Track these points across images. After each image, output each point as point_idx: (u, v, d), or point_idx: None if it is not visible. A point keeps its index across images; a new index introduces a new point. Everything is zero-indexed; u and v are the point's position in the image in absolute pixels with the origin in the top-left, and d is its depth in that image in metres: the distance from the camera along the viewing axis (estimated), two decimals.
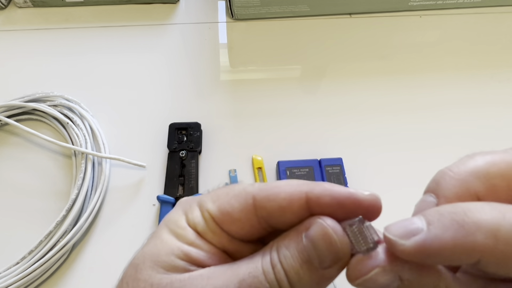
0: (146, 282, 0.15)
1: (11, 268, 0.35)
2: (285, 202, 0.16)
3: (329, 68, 0.52)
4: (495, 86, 0.50)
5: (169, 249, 0.16)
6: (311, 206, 0.15)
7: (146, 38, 0.54)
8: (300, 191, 0.16)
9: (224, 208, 0.17)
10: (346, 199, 0.15)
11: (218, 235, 0.17)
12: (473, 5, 0.57)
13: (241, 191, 0.17)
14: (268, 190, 0.16)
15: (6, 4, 0.57)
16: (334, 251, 0.14)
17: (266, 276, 0.15)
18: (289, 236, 0.16)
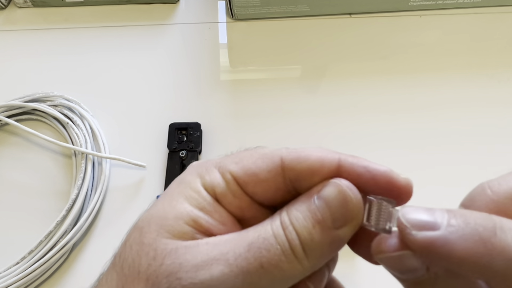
0: (150, 247, 0.15)
1: (11, 268, 0.35)
2: (316, 164, 0.15)
3: (329, 68, 0.52)
4: (495, 86, 0.50)
5: (178, 213, 0.15)
6: (342, 173, 0.15)
7: (146, 38, 0.54)
8: (333, 156, 0.15)
9: (250, 169, 0.16)
10: (382, 176, 0.15)
11: (238, 199, 0.16)
12: (473, 5, 0.57)
13: (267, 153, 0.16)
14: (298, 152, 0.16)
15: (6, 4, 0.57)
16: (348, 209, 0.14)
17: (276, 238, 0.14)
18: (301, 199, 0.15)
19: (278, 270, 0.14)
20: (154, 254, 0.14)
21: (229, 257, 0.14)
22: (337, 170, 0.15)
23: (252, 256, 0.14)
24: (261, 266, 0.14)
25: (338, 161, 0.15)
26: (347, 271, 0.37)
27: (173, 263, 0.14)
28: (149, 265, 0.14)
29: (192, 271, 0.14)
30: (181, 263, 0.14)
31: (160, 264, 0.14)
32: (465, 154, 0.44)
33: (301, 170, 0.15)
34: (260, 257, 0.14)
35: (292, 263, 0.14)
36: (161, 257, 0.14)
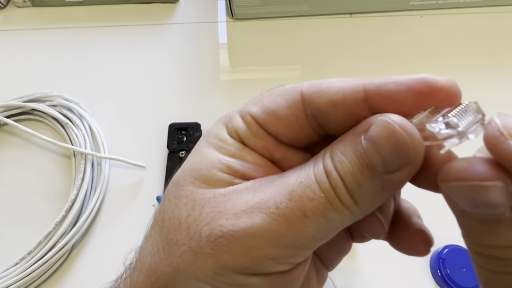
0: (188, 198, 0.14)
1: (10, 269, 0.35)
2: (338, 96, 0.13)
3: (329, 68, 0.52)
4: (496, 86, 0.50)
5: (210, 163, 0.15)
6: (371, 99, 0.13)
7: (145, 37, 0.54)
8: (356, 84, 0.14)
9: (268, 107, 0.15)
10: (418, 84, 0.13)
11: (263, 139, 0.15)
12: (474, 4, 0.57)
13: (287, 89, 0.15)
14: (319, 85, 0.14)
15: (5, 4, 0.57)
16: (403, 151, 0.12)
17: (320, 185, 0.13)
18: (345, 140, 0.13)
19: (325, 218, 0.13)
20: (192, 205, 0.14)
21: (270, 205, 0.13)
22: (364, 98, 0.13)
23: (294, 205, 0.13)
24: (305, 216, 0.13)
25: (363, 87, 0.13)
26: (347, 271, 0.37)
27: (213, 211, 0.14)
28: (189, 215, 0.14)
29: (232, 218, 0.13)
30: (220, 211, 0.14)
31: (199, 213, 0.14)
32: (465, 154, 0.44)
33: (322, 103, 0.14)
34: (303, 206, 0.13)
35: (340, 211, 0.13)
36: (199, 206, 0.14)
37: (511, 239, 0.11)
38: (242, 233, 0.13)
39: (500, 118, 0.11)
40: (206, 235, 0.13)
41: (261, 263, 0.13)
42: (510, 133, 0.11)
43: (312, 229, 0.13)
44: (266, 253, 0.13)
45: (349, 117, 0.14)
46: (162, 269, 0.14)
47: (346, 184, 0.13)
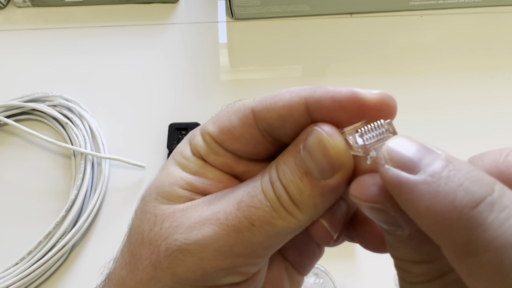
0: (151, 214, 0.16)
1: (10, 269, 0.35)
2: (285, 110, 0.14)
3: (329, 68, 0.52)
4: (496, 86, 0.50)
5: (173, 180, 0.16)
6: (312, 112, 0.14)
7: (145, 37, 0.54)
8: (299, 97, 0.14)
9: (224, 126, 0.16)
10: (348, 100, 0.14)
11: (222, 156, 0.16)
12: (474, 5, 0.57)
13: (240, 106, 0.16)
14: (267, 100, 0.15)
15: (5, 4, 0.57)
16: (332, 157, 0.13)
17: (265, 194, 0.14)
18: (287, 151, 0.15)
19: (271, 226, 0.14)
20: (154, 220, 0.15)
21: (219, 216, 0.14)
22: (306, 111, 0.14)
23: (241, 214, 0.14)
24: (252, 224, 0.13)
25: (305, 101, 0.14)
26: (347, 271, 0.37)
27: (170, 226, 0.15)
28: (151, 230, 0.15)
29: (186, 232, 0.14)
30: (177, 225, 0.14)
31: (159, 228, 0.15)
32: (466, 154, 0.44)
33: (271, 118, 0.15)
34: (250, 215, 0.14)
35: (285, 218, 0.14)
36: (160, 221, 0.15)
37: (410, 255, 0.12)
38: (195, 246, 0.14)
39: (391, 141, 0.12)
40: (163, 250, 0.14)
41: (213, 274, 0.14)
42: (391, 158, 0.11)
43: (260, 237, 0.14)
44: (217, 264, 0.14)
45: (298, 129, 0.15)
46: (128, 282, 0.15)
47: (288, 192, 0.13)
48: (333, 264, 0.37)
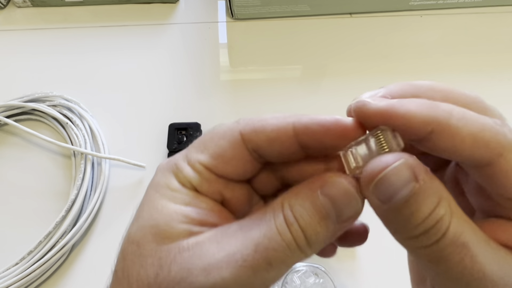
0: (153, 257, 0.15)
1: (10, 269, 0.35)
2: (273, 134, 0.16)
3: (329, 68, 0.52)
4: (496, 86, 0.50)
5: (168, 216, 0.15)
6: (299, 136, 0.16)
7: (145, 38, 0.54)
8: (287, 123, 0.16)
9: (215, 152, 0.16)
10: (333, 126, 0.15)
11: (214, 183, 0.16)
12: (473, 5, 0.57)
13: (226, 131, 0.17)
14: (254, 124, 0.16)
15: (5, 4, 0.57)
16: (353, 206, 0.15)
17: (282, 236, 0.14)
18: (302, 194, 0.15)
19: (285, 264, 0.15)
20: (159, 263, 0.15)
21: (237, 258, 0.14)
22: (294, 135, 0.16)
23: (260, 256, 0.14)
24: (270, 264, 0.14)
25: (292, 127, 0.16)
26: (347, 271, 0.37)
27: (182, 268, 0.14)
28: (157, 275, 0.14)
29: (202, 275, 0.14)
30: (189, 268, 0.14)
31: (168, 271, 0.14)
32: None
33: (259, 140, 0.16)
34: (268, 257, 0.14)
35: (297, 255, 0.15)
36: (167, 264, 0.14)
37: (425, 210, 0.12)
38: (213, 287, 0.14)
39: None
40: None
41: None
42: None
43: (275, 273, 0.15)
44: None
45: (284, 151, 0.16)
46: None
47: (306, 234, 0.14)
48: (333, 264, 0.37)
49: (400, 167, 0.12)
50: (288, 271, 0.32)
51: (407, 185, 0.12)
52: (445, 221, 0.12)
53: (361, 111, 0.14)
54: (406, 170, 0.12)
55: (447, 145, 0.13)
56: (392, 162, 0.12)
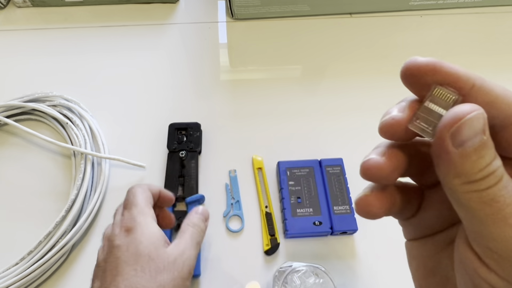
0: (169, 257, 0.27)
1: (10, 269, 0.35)
2: None
3: (329, 68, 0.52)
4: None
5: (160, 232, 0.29)
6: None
7: (145, 38, 0.54)
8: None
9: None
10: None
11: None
12: (473, 5, 0.57)
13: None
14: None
15: (5, 4, 0.57)
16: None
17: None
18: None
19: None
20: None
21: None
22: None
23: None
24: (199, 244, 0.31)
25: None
26: (347, 271, 0.37)
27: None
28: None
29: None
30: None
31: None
32: None
33: None
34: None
35: None
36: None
37: (488, 159, 0.13)
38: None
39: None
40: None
41: None
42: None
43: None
44: None
45: None
46: None
47: None
48: (333, 264, 0.37)
49: (478, 116, 0.13)
50: (288, 271, 0.32)
51: (478, 135, 0.13)
52: (501, 170, 0.13)
53: (414, 65, 0.15)
54: (481, 119, 0.13)
55: (486, 99, 0.14)
56: (471, 111, 0.13)
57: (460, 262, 0.15)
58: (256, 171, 0.42)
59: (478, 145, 0.13)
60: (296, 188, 0.39)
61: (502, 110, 0.14)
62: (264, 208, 0.39)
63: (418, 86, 0.15)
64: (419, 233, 0.18)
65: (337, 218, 0.37)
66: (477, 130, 0.13)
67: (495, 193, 0.13)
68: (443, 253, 0.17)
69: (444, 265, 0.17)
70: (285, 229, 0.37)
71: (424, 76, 0.15)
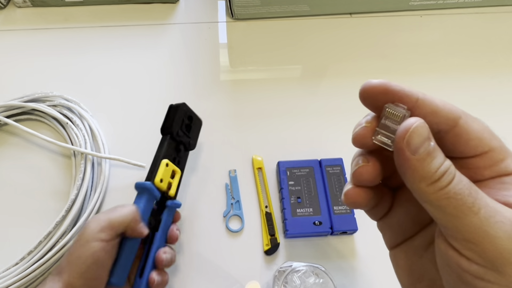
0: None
1: (11, 269, 0.35)
2: None
3: (329, 68, 0.52)
4: (496, 86, 0.50)
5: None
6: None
7: (145, 38, 0.54)
8: None
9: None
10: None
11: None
12: (473, 5, 0.57)
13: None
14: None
15: (6, 4, 0.57)
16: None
17: None
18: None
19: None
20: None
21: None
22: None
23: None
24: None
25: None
26: (347, 271, 0.37)
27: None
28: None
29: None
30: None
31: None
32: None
33: None
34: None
35: None
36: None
37: (440, 159, 0.15)
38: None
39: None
40: None
41: None
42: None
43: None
44: None
45: None
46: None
47: None
48: (333, 264, 0.37)
49: (421, 124, 0.15)
50: (288, 271, 0.32)
51: (427, 140, 0.15)
52: (452, 168, 0.15)
53: (368, 87, 0.17)
54: (425, 128, 0.15)
55: (429, 110, 0.16)
56: (415, 122, 0.15)
57: (443, 261, 0.16)
58: (256, 171, 0.42)
59: (429, 149, 0.15)
60: (296, 188, 0.39)
61: (443, 117, 0.17)
62: (264, 208, 0.39)
63: (375, 105, 0.17)
64: (397, 236, 0.19)
65: (337, 218, 0.37)
66: (424, 136, 0.15)
67: (454, 187, 0.15)
68: (425, 258, 0.18)
69: (429, 269, 0.18)
70: (285, 229, 0.37)
71: (378, 96, 0.17)
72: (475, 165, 0.17)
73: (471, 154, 0.17)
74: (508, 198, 0.16)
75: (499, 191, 0.16)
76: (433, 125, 0.16)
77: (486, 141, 0.17)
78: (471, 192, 0.15)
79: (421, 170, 0.15)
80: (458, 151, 0.17)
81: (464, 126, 0.17)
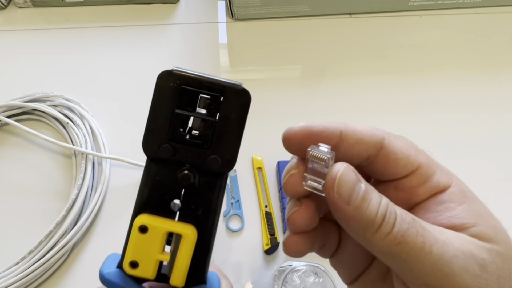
0: None
1: (11, 268, 0.35)
2: None
3: (329, 68, 0.52)
4: (496, 86, 0.50)
5: None
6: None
7: (146, 38, 0.54)
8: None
9: None
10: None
11: None
12: (473, 5, 0.57)
13: None
14: None
15: (6, 4, 0.57)
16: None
17: None
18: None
19: None
20: None
21: None
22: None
23: None
24: None
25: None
26: None
27: None
28: None
29: None
30: None
31: None
32: (466, 154, 0.44)
33: None
34: None
35: None
36: None
37: (375, 202, 0.15)
38: None
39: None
40: None
41: None
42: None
43: None
44: None
45: None
46: None
47: None
48: None
49: (346, 169, 0.15)
50: (288, 270, 0.32)
51: (357, 184, 0.14)
52: (391, 205, 0.15)
53: (289, 134, 0.17)
54: (350, 171, 0.15)
55: (354, 140, 0.16)
56: (339, 169, 0.15)
57: None
58: (256, 171, 0.42)
59: (362, 194, 0.14)
60: None
61: (368, 143, 0.16)
62: (264, 207, 0.39)
63: (300, 150, 0.17)
64: (351, 272, 0.19)
65: None
66: (353, 181, 0.14)
67: (401, 229, 0.14)
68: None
69: None
70: (285, 228, 0.37)
71: (301, 141, 0.17)
72: (409, 184, 0.16)
73: (403, 174, 0.16)
74: (452, 220, 0.15)
75: (441, 213, 0.16)
76: (361, 152, 0.16)
77: (413, 157, 0.16)
78: (418, 230, 0.14)
79: (360, 218, 0.14)
80: (390, 173, 0.17)
81: (389, 146, 0.16)
